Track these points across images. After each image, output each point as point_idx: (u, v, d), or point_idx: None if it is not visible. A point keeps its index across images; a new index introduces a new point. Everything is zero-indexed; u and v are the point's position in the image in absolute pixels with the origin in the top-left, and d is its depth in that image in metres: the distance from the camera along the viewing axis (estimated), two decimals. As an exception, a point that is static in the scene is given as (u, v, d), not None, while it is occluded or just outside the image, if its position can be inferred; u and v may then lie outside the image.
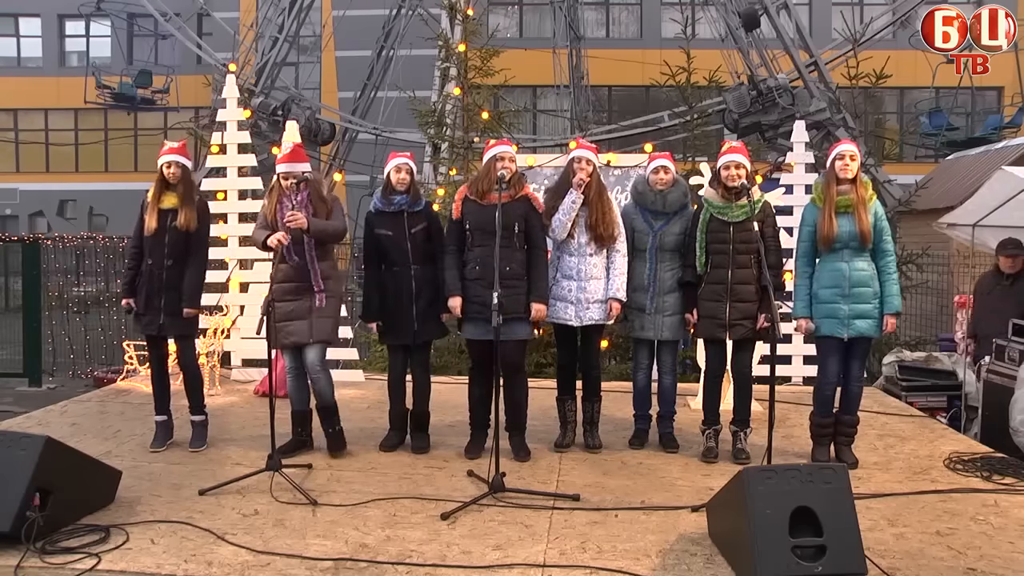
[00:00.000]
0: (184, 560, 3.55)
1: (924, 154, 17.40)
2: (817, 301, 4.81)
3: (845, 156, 4.73)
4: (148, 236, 5.01)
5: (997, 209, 6.95)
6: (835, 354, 4.82)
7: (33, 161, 28.98)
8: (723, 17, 14.26)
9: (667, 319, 5.10)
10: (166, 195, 5.03)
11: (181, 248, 5.02)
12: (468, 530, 3.90)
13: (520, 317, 4.83)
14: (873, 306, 4.75)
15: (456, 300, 4.88)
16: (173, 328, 5.09)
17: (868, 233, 4.68)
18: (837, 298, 4.75)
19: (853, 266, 4.74)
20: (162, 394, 5.27)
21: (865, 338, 4.80)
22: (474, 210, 4.88)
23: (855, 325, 4.73)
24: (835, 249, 4.75)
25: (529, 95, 24.80)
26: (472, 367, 5.11)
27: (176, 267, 5.02)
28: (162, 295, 5.01)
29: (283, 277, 4.94)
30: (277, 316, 4.95)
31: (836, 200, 4.72)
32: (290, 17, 16.10)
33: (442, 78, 12.05)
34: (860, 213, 4.68)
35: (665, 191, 5.10)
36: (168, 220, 4.99)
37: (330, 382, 5.13)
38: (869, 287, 4.74)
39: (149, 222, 5.00)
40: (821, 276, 4.82)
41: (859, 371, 4.86)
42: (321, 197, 5.03)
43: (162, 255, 4.99)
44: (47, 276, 11.97)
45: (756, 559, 3.23)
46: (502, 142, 5.00)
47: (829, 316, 4.77)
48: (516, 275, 4.83)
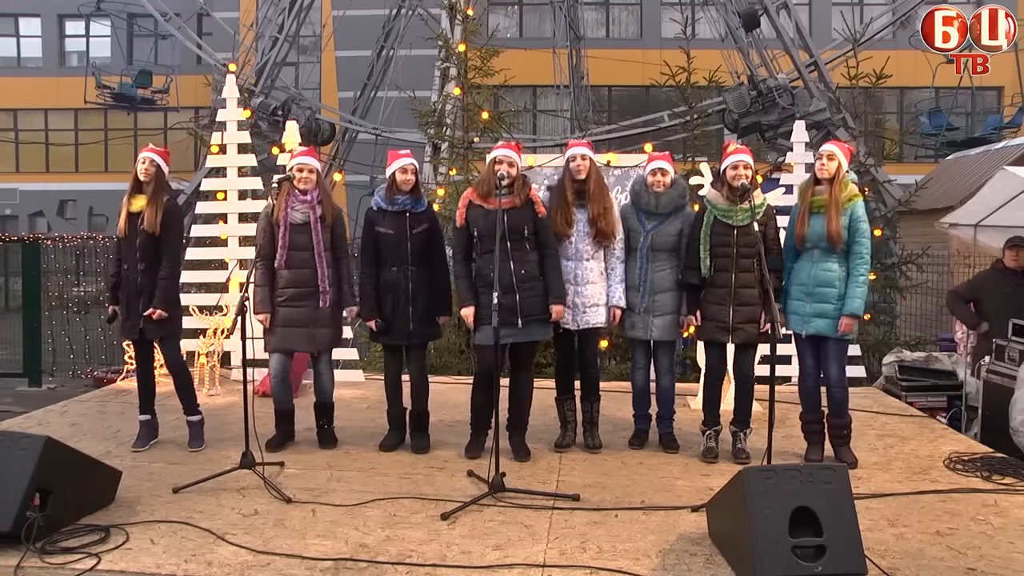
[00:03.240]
0: (184, 560, 3.55)
1: (924, 154, 17.40)
2: (787, 297, 4.94)
3: (823, 156, 4.79)
4: (122, 240, 5.02)
5: (999, 209, 6.96)
6: (806, 350, 4.94)
7: (33, 161, 28.97)
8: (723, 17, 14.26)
9: (658, 319, 5.09)
10: (136, 198, 5.01)
11: (151, 251, 4.97)
12: (468, 530, 3.90)
13: (540, 318, 4.84)
14: (835, 307, 4.77)
15: (470, 310, 4.88)
16: (153, 331, 5.04)
17: (836, 235, 4.70)
18: (802, 296, 4.85)
19: (820, 266, 4.80)
20: (146, 394, 5.28)
21: (833, 340, 4.81)
22: (480, 215, 4.85)
23: (813, 323, 4.81)
24: (806, 248, 4.83)
25: (529, 95, 24.80)
26: (479, 373, 5.04)
27: (149, 270, 4.97)
28: (139, 299, 4.98)
29: (285, 283, 5.00)
30: (277, 320, 5.00)
31: (809, 200, 4.78)
32: (290, 17, 16.09)
33: (442, 78, 12.06)
34: (831, 214, 4.70)
35: (660, 193, 5.09)
36: (138, 223, 4.96)
37: (332, 381, 5.31)
38: (834, 288, 4.77)
39: (121, 226, 5.00)
40: (793, 273, 4.94)
41: (837, 374, 4.86)
42: (330, 201, 5.10)
43: (135, 259, 4.97)
44: (47, 276, 11.97)
45: (756, 559, 3.23)
46: (504, 145, 4.99)
47: (793, 313, 4.90)
48: (532, 277, 4.83)
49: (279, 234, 5.00)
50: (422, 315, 5.05)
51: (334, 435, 5.32)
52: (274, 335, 5.07)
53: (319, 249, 4.98)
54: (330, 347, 5.22)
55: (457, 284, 4.94)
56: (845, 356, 4.93)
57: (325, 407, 5.31)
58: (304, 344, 5.10)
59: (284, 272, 5.03)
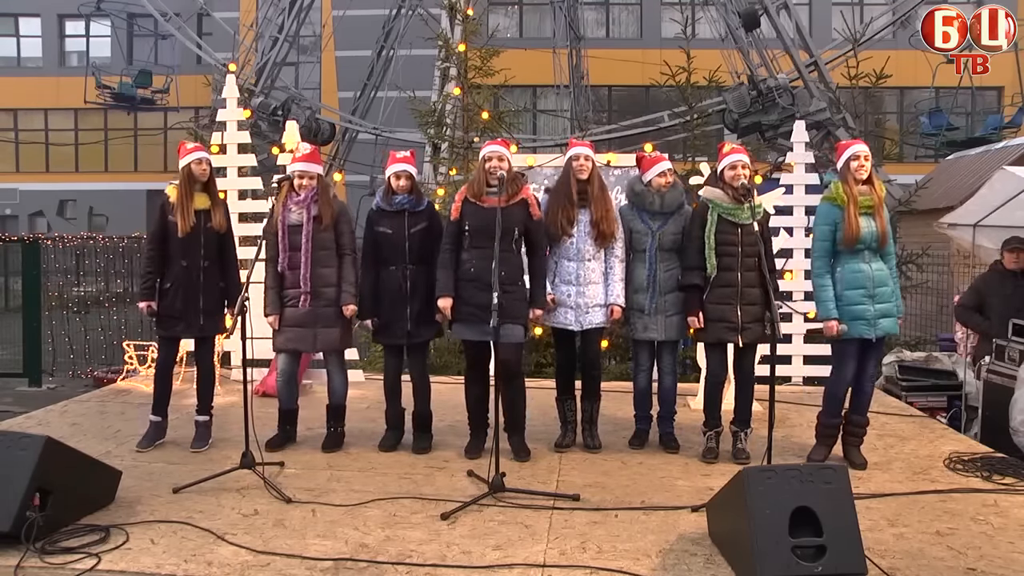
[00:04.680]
0: (184, 560, 3.55)
1: (924, 154, 17.41)
2: (843, 303, 4.75)
3: (860, 156, 4.72)
4: (181, 238, 4.99)
5: (998, 209, 6.95)
6: (855, 356, 4.82)
7: (33, 161, 28.99)
8: (723, 17, 14.26)
9: (667, 319, 5.09)
10: (198, 196, 5.04)
11: (215, 248, 5.10)
12: (468, 530, 3.90)
13: (515, 321, 4.82)
14: (893, 304, 4.79)
15: (447, 301, 4.88)
16: (212, 328, 5.16)
17: (887, 233, 4.73)
18: (864, 299, 4.72)
19: (874, 266, 4.76)
20: (163, 394, 5.27)
21: (880, 339, 4.84)
22: (473, 211, 4.87)
23: (881, 325, 4.75)
24: (857, 250, 4.73)
25: (529, 95, 24.82)
26: (468, 368, 5.11)
27: (213, 267, 5.08)
28: (200, 296, 5.04)
29: (288, 284, 5.05)
30: (284, 321, 5.02)
31: (859, 200, 4.70)
32: (290, 17, 16.10)
33: (442, 78, 12.07)
34: (880, 213, 4.71)
35: (665, 192, 5.11)
36: (202, 221, 5.02)
37: (345, 383, 5.29)
38: (888, 286, 4.78)
39: (183, 224, 4.97)
40: (845, 277, 4.77)
41: (874, 370, 4.90)
42: (328, 200, 5.08)
43: (198, 256, 5.02)
44: (47, 276, 11.96)
45: (756, 559, 3.22)
46: (495, 141, 5.00)
47: (857, 318, 4.72)
48: (513, 280, 4.83)
49: (279, 237, 5.02)
50: (420, 314, 5.04)
51: (341, 439, 5.27)
52: (281, 335, 5.10)
53: (306, 247, 4.97)
54: (336, 347, 5.18)
55: (439, 275, 4.93)
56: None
57: (334, 409, 5.28)
58: (307, 344, 5.10)
59: (288, 274, 5.05)
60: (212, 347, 5.36)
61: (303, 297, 5.00)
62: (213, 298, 5.10)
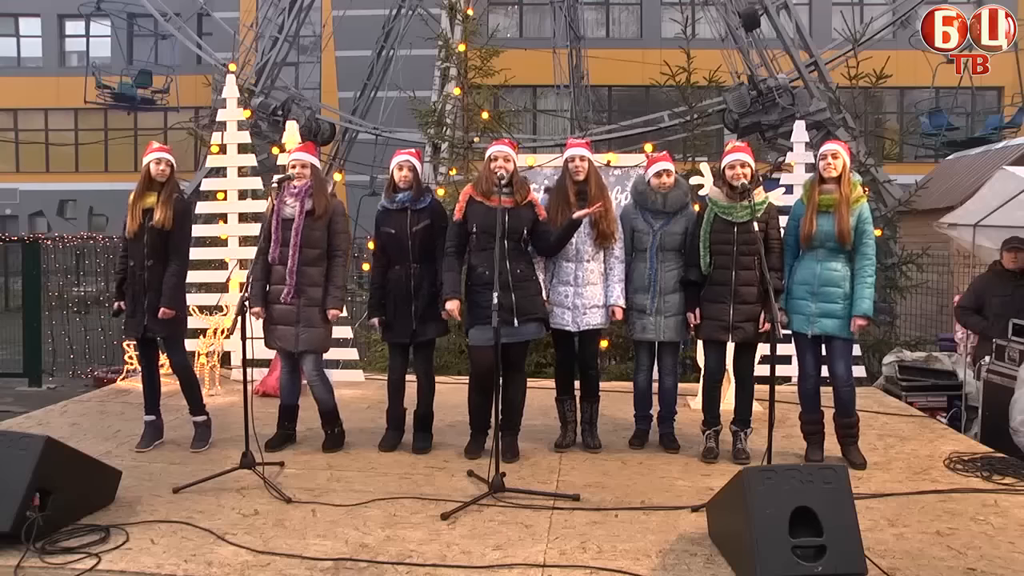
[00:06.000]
0: (184, 560, 3.55)
1: (924, 154, 17.40)
2: (789, 297, 4.92)
3: (827, 155, 4.79)
4: (129, 238, 5.02)
5: (998, 209, 6.95)
6: (807, 350, 4.92)
7: (33, 161, 28.97)
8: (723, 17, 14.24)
9: (669, 320, 5.09)
10: (147, 195, 5.02)
11: (160, 248, 4.97)
12: (468, 530, 3.90)
13: (535, 317, 4.85)
14: (841, 306, 4.78)
15: (454, 303, 4.88)
16: (157, 329, 5.02)
17: (846, 232, 4.71)
18: (806, 295, 4.85)
19: (825, 265, 4.80)
20: (151, 394, 5.26)
21: (841, 339, 4.82)
22: (480, 212, 4.87)
23: (820, 323, 4.80)
24: (812, 247, 4.83)
25: (529, 95, 24.80)
26: (474, 374, 5.00)
27: (157, 267, 4.97)
28: (145, 296, 4.98)
29: (277, 279, 5.02)
30: (270, 318, 5.02)
31: (818, 199, 4.77)
32: (290, 17, 16.07)
33: (442, 78, 12.05)
34: (841, 211, 4.72)
35: (667, 192, 5.10)
36: (147, 220, 4.96)
37: (328, 388, 5.18)
38: (839, 287, 4.78)
39: (130, 223, 4.99)
40: (796, 272, 4.93)
41: (844, 373, 4.87)
42: (323, 194, 5.05)
43: (142, 256, 4.97)
44: (47, 276, 11.96)
45: (756, 559, 3.23)
46: (500, 142, 5.00)
47: (797, 312, 4.88)
48: (527, 276, 4.86)
49: (272, 228, 5.00)
50: (425, 312, 5.03)
51: (342, 440, 5.24)
52: (269, 332, 5.09)
53: (295, 240, 4.92)
54: (316, 349, 5.07)
55: (444, 277, 4.93)
56: (851, 355, 4.94)
57: (324, 415, 5.21)
58: (288, 342, 5.03)
59: (278, 267, 5.01)
60: (178, 347, 5.17)
61: (287, 289, 4.95)
62: (156, 299, 4.95)
